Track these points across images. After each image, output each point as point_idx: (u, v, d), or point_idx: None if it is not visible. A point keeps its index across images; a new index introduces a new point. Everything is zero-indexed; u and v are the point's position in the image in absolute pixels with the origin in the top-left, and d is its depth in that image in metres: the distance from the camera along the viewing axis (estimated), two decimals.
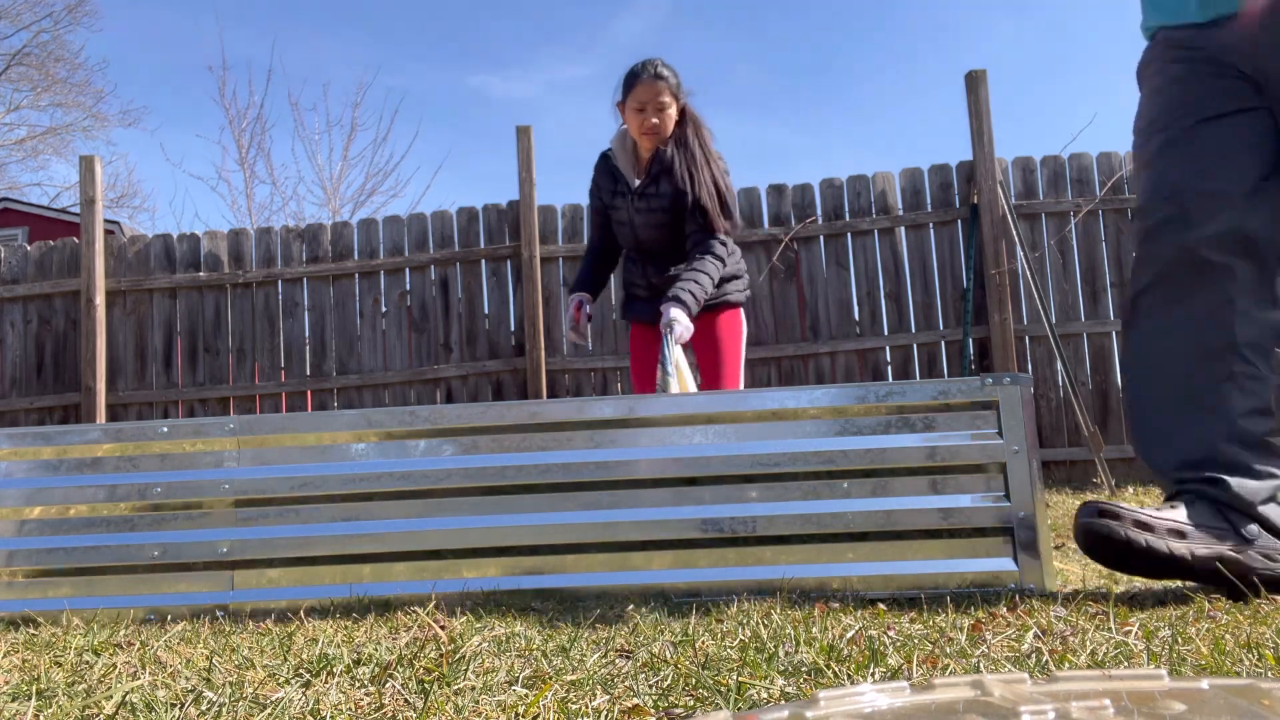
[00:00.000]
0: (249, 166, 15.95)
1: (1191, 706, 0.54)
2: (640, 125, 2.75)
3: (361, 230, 5.56)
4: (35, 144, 21.18)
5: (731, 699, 0.91)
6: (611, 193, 2.88)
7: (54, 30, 20.61)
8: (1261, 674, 0.96)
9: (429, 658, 1.16)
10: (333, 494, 1.89)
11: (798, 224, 5.27)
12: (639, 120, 2.74)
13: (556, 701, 0.93)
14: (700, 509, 1.84)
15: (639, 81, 2.73)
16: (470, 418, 1.91)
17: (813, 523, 1.81)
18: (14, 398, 5.48)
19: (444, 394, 5.36)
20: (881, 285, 5.23)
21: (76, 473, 1.93)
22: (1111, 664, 1.03)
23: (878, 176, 5.31)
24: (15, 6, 20.03)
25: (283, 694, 1.00)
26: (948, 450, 1.82)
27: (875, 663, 1.05)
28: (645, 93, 2.72)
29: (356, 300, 5.49)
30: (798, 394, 1.86)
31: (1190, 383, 1.62)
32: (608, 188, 2.89)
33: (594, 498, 1.86)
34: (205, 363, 5.49)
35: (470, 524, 1.86)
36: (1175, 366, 1.64)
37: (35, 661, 1.30)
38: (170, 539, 1.88)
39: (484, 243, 5.48)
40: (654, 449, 1.87)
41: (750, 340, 5.25)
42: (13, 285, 5.54)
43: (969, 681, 0.59)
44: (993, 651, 1.11)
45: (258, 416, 1.96)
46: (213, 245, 5.56)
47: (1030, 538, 1.77)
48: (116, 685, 1.09)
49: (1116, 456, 4.83)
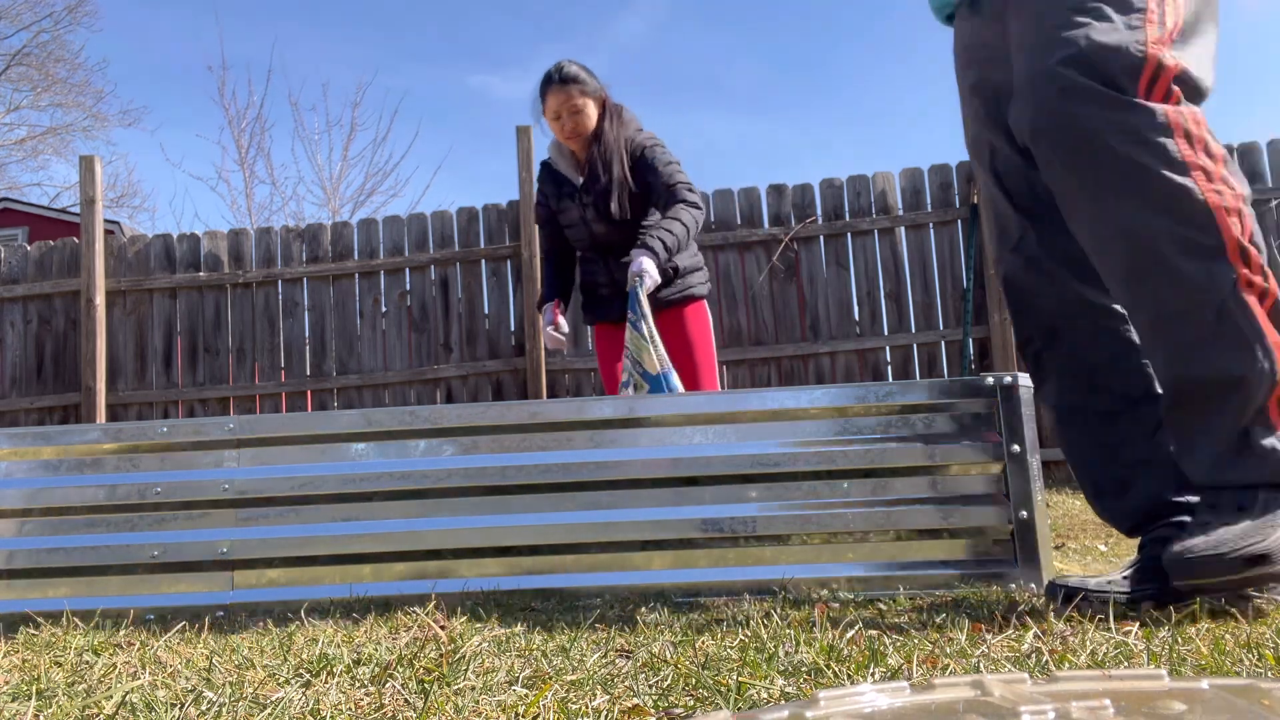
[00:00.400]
0: (249, 166, 15.94)
1: (1191, 706, 0.54)
2: (560, 131, 2.78)
3: (361, 230, 5.56)
4: (35, 144, 21.19)
5: (731, 699, 0.91)
6: (557, 196, 2.89)
7: (54, 30, 20.61)
8: (1261, 674, 0.96)
9: (429, 658, 1.16)
10: (333, 494, 1.88)
11: (798, 224, 5.27)
12: (558, 127, 2.78)
13: (556, 701, 0.93)
14: (700, 509, 1.84)
15: (549, 90, 2.75)
16: (470, 418, 1.91)
17: (813, 523, 1.81)
18: (14, 398, 5.48)
19: (444, 394, 5.36)
20: (881, 285, 5.23)
21: (76, 473, 1.93)
22: (1111, 664, 1.03)
23: (878, 176, 5.31)
24: (15, 6, 20.04)
25: (283, 694, 1.00)
26: (947, 450, 1.82)
27: (875, 663, 1.05)
28: (555, 100, 2.74)
29: (356, 300, 5.49)
30: (798, 394, 1.85)
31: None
32: (553, 193, 2.91)
33: (594, 498, 1.86)
34: (205, 363, 5.49)
35: (470, 524, 1.86)
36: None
37: (35, 661, 1.30)
38: (170, 539, 1.88)
39: (484, 243, 5.47)
40: (654, 449, 1.87)
41: (750, 340, 5.27)
42: (13, 285, 5.54)
43: (969, 681, 0.59)
44: (993, 651, 1.11)
45: (258, 416, 1.96)
46: (213, 245, 5.56)
47: (1030, 538, 1.76)
48: (116, 685, 1.09)
49: None
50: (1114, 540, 2.77)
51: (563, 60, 2.79)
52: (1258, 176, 5.12)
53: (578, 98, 2.74)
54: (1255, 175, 5.13)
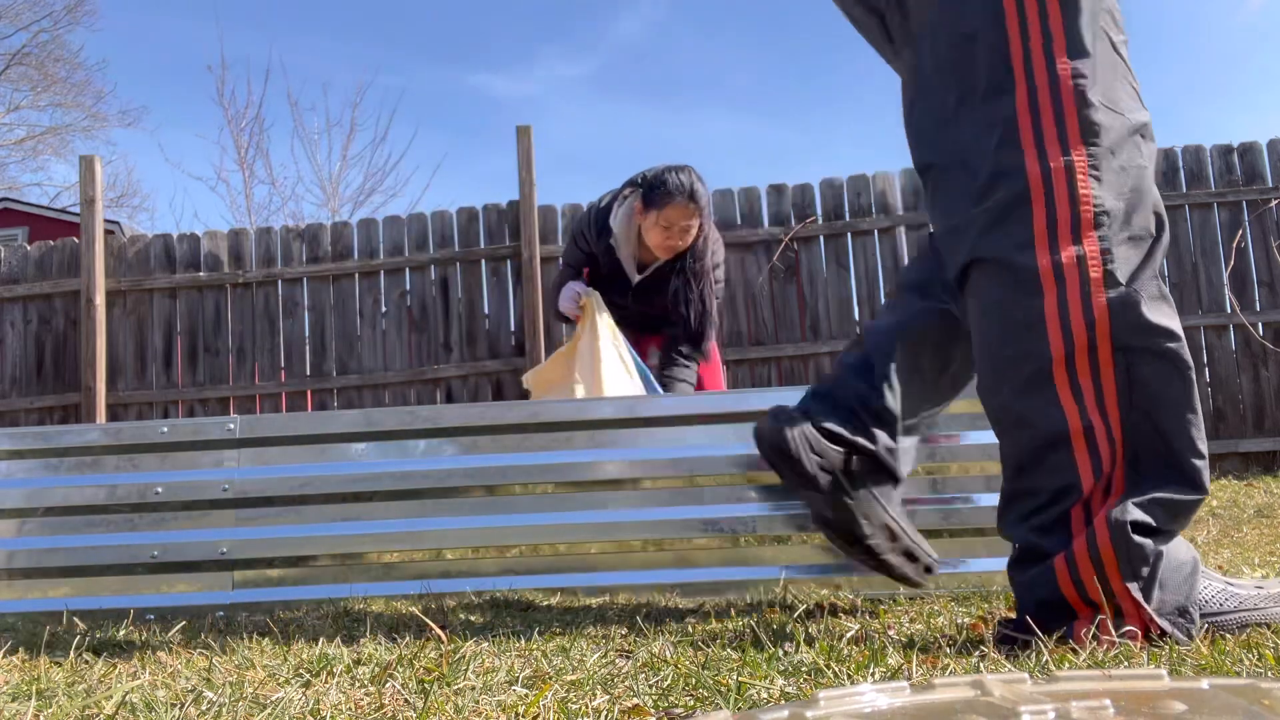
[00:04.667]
0: (248, 166, 15.95)
1: (1191, 706, 0.54)
2: (662, 241, 2.64)
3: (361, 230, 5.56)
4: (35, 144, 21.18)
5: (731, 699, 0.91)
6: (609, 278, 2.79)
7: (54, 30, 20.60)
8: (1261, 674, 0.96)
9: (429, 658, 1.16)
10: (333, 494, 1.88)
11: (798, 224, 5.27)
12: (661, 236, 2.64)
13: (556, 701, 0.93)
14: (700, 509, 1.84)
15: (671, 202, 2.60)
16: (470, 418, 1.91)
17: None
18: (14, 398, 5.47)
19: (444, 394, 5.36)
20: (882, 285, 5.23)
21: (76, 473, 1.93)
22: (1111, 664, 1.03)
23: (878, 176, 5.31)
24: (15, 6, 20.03)
25: (283, 694, 1.00)
26: (947, 450, 1.82)
27: (875, 663, 1.05)
28: (676, 215, 2.60)
29: (356, 300, 5.49)
30: (798, 394, 1.85)
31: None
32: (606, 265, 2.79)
33: (594, 498, 1.86)
34: (205, 363, 5.49)
35: (470, 524, 1.86)
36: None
37: (35, 661, 1.30)
38: (170, 539, 1.88)
39: (484, 243, 5.47)
40: (654, 449, 1.87)
41: (750, 340, 5.27)
42: (13, 285, 5.54)
43: (969, 681, 0.59)
44: (993, 651, 1.11)
45: (258, 416, 1.96)
46: (212, 245, 5.56)
47: None
48: (116, 685, 1.09)
49: None
50: None
51: (692, 172, 2.65)
52: (1258, 176, 5.12)
53: (694, 217, 2.62)
54: (1255, 175, 5.13)
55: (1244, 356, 4.95)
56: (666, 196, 2.59)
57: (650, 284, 2.73)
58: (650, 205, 2.63)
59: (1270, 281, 5.03)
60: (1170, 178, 5.13)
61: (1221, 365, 4.95)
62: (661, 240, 2.64)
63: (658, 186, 2.62)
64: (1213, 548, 2.41)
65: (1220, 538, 2.63)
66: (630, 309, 2.81)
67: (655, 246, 2.67)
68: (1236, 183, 5.12)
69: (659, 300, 2.75)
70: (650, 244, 2.68)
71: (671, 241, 2.64)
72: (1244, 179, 5.12)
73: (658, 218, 2.62)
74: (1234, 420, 4.92)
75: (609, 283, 2.79)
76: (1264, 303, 5.00)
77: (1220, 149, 5.17)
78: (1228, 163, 5.15)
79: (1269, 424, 4.92)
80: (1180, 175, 5.14)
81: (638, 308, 2.79)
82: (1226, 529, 2.84)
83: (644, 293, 2.75)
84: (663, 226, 2.62)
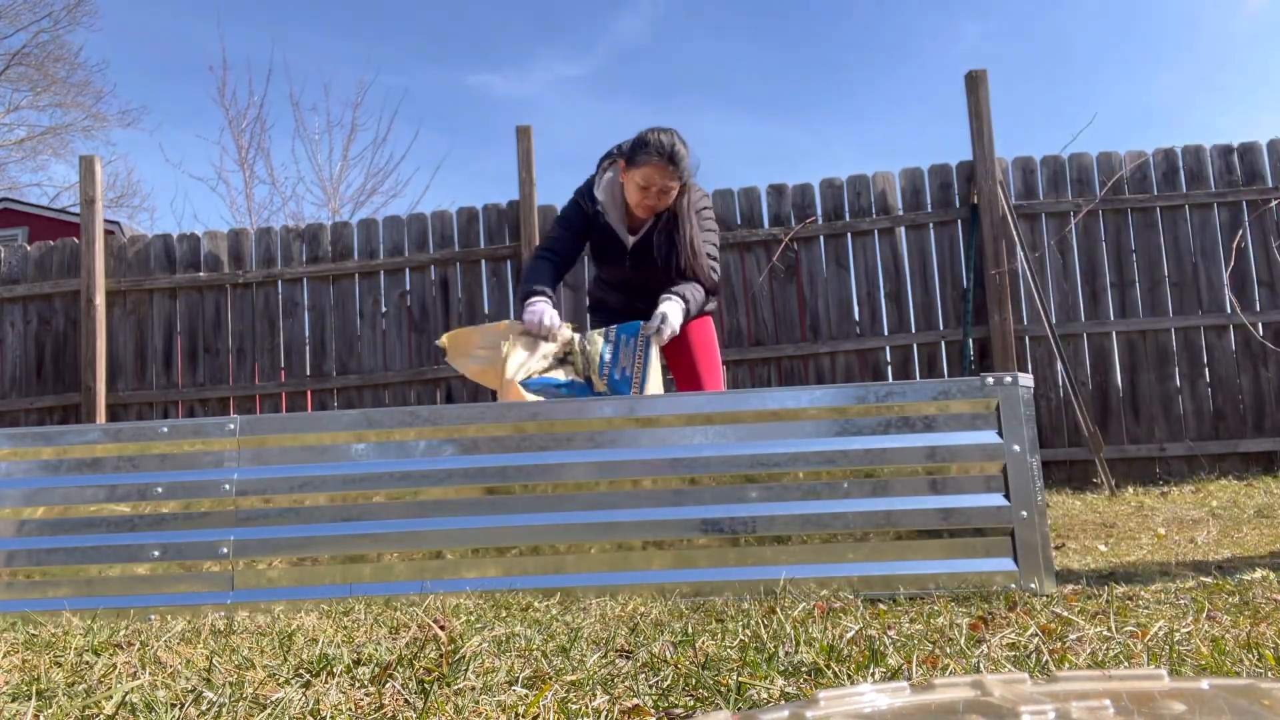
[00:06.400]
0: (249, 167, 15.91)
1: (1191, 706, 0.54)
2: (640, 200, 2.63)
3: (361, 230, 5.56)
4: (35, 144, 21.17)
5: (731, 699, 0.91)
6: (602, 247, 2.79)
7: (54, 30, 20.59)
8: (1261, 674, 0.96)
9: (429, 658, 1.16)
10: (333, 494, 1.88)
11: (798, 224, 5.27)
12: (640, 195, 2.62)
13: (556, 701, 0.93)
14: (700, 509, 1.84)
15: (651, 161, 2.57)
16: (470, 418, 1.91)
17: (813, 523, 1.81)
18: (14, 398, 5.47)
19: (444, 394, 5.36)
20: (881, 285, 5.23)
21: (76, 473, 1.93)
22: (1111, 664, 1.03)
23: (878, 176, 5.31)
24: (15, 6, 20.02)
25: (283, 694, 1.00)
26: (947, 450, 1.82)
27: (875, 663, 1.05)
28: (655, 175, 2.58)
29: (356, 300, 5.49)
30: (798, 394, 1.85)
31: None
32: (598, 236, 2.77)
33: (594, 498, 1.86)
34: (205, 363, 5.49)
35: (470, 524, 1.86)
36: None
37: (35, 661, 1.30)
38: (170, 539, 1.88)
39: (484, 243, 5.47)
40: (654, 449, 1.87)
41: (750, 340, 5.27)
42: (13, 285, 5.54)
43: (969, 681, 0.59)
44: (993, 651, 1.11)
45: (258, 416, 1.96)
46: (213, 245, 5.56)
47: (1030, 538, 1.77)
48: (116, 685, 1.09)
49: (1116, 456, 4.83)
50: (1114, 540, 2.77)
51: (674, 134, 2.62)
52: (1258, 176, 5.12)
53: (673, 179, 2.60)
54: (1255, 175, 5.13)
55: (1244, 356, 4.95)
56: (646, 155, 2.59)
57: (645, 247, 2.73)
58: (631, 164, 2.64)
59: (1270, 281, 5.03)
60: (1170, 178, 5.14)
61: (1221, 365, 4.95)
62: (640, 199, 2.63)
63: (639, 145, 2.62)
64: (1213, 548, 2.41)
65: (1220, 538, 2.63)
66: (631, 278, 2.80)
67: (635, 205, 2.66)
68: (1236, 183, 5.12)
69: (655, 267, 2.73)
70: (630, 202, 2.68)
71: (649, 202, 2.62)
72: (1244, 179, 5.12)
73: (637, 175, 2.61)
74: (1234, 420, 4.92)
75: (604, 253, 2.80)
76: (1264, 303, 5.01)
77: (1220, 149, 5.17)
78: (1228, 163, 5.15)
79: (1269, 424, 4.92)
80: (1180, 175, 5.14)
81: (637, 276, 2.77)
82: (1226, 529, 2.84)
83: (641, 257, 2.74)
84: (640, 185, 2.61)
